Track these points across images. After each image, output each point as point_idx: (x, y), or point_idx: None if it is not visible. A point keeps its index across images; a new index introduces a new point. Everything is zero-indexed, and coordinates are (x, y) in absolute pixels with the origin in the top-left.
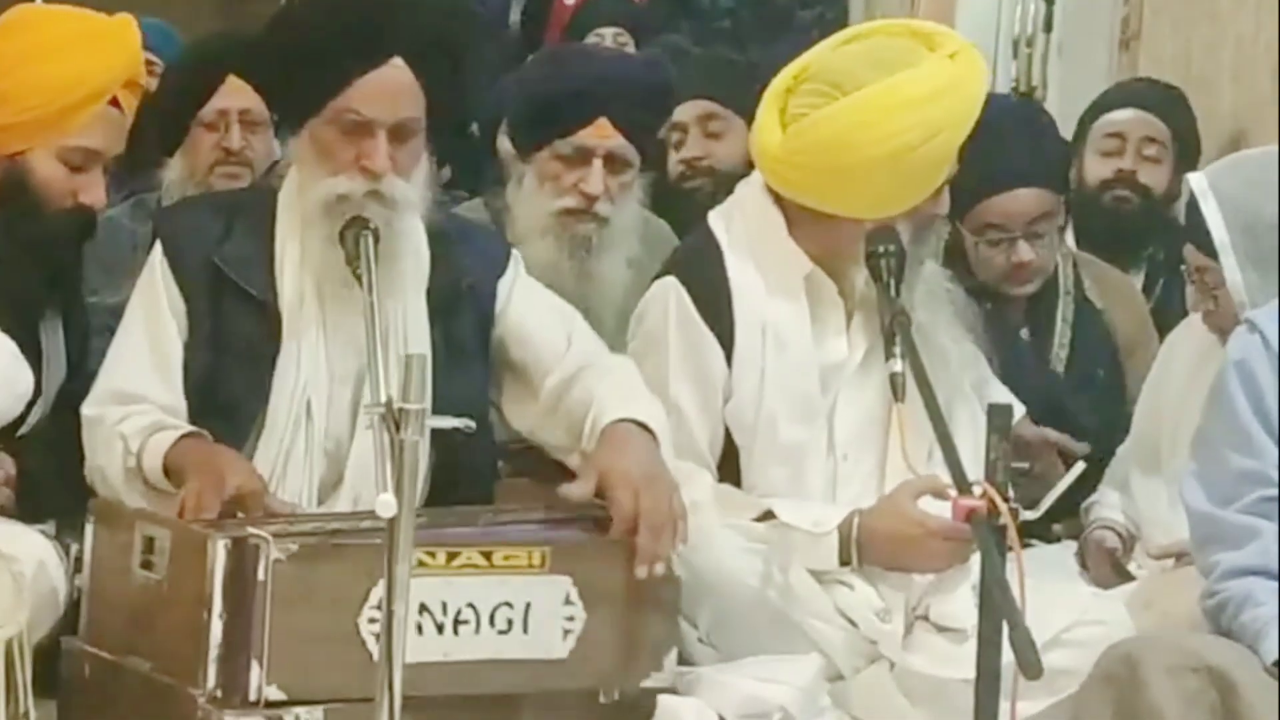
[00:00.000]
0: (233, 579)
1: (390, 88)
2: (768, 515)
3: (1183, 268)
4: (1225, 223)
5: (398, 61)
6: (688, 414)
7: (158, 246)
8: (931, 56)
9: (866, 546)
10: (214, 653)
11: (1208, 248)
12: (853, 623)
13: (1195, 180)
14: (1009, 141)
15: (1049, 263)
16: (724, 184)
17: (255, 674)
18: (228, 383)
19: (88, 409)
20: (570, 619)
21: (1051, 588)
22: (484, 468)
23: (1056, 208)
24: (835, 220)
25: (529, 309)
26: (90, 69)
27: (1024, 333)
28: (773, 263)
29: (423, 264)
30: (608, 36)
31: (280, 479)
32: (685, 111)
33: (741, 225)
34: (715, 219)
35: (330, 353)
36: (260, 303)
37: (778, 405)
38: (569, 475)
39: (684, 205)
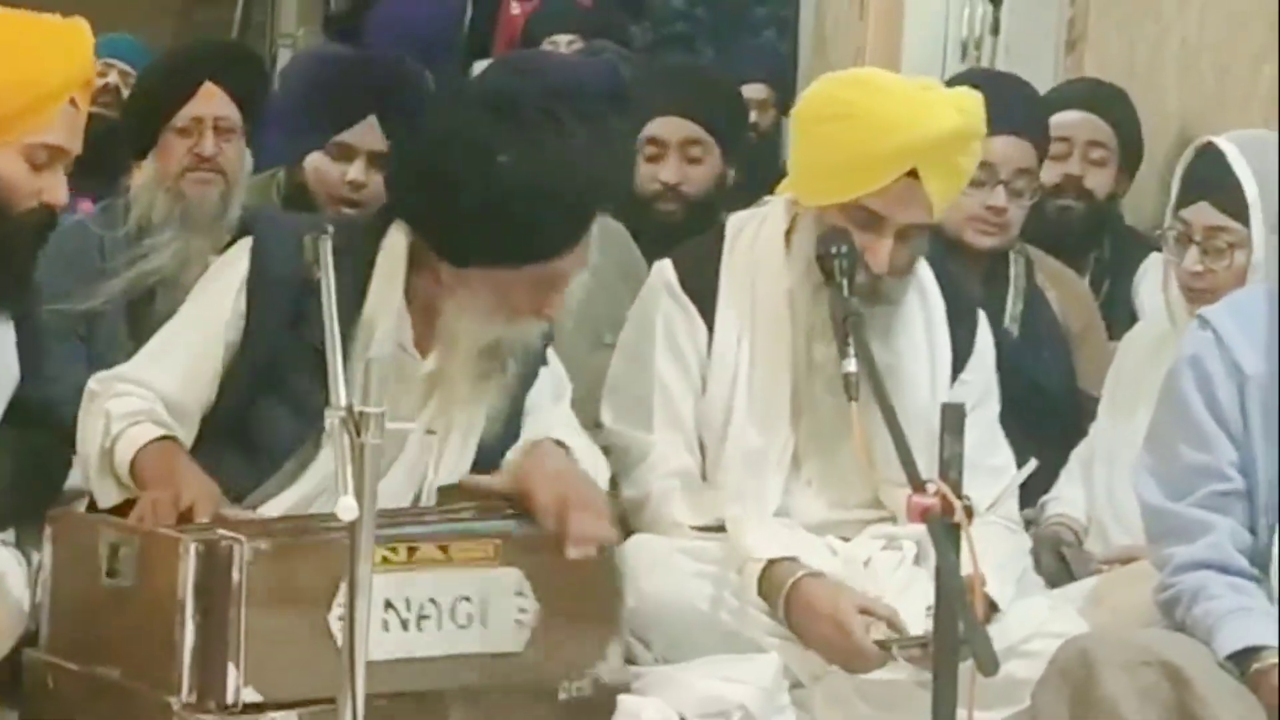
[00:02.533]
0: (205, 581)
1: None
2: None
3: (1166, 230)
4: (1259, 186)
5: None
6: (671, 387)
7: (247, 246)
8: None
9: (794, 608)
10: (188, 657)
11: (1232, 208)
12: None
13: (1225, 144)
14: (1008, 94)
15: (1015, 225)
16: (696, 212)
17: (232, 676)
18: (263, 420)
19: (93, 383)
20: (523, 610)
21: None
22: None
23: (1035, 170)
24: None
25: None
26: (50, 68)
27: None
28: (764, 273)
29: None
30: (561, 44)
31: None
32: (668, 129)
33: (751, 231)
34: (733, 220)
35: None
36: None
37: (746, 410)
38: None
39: (652, 225)
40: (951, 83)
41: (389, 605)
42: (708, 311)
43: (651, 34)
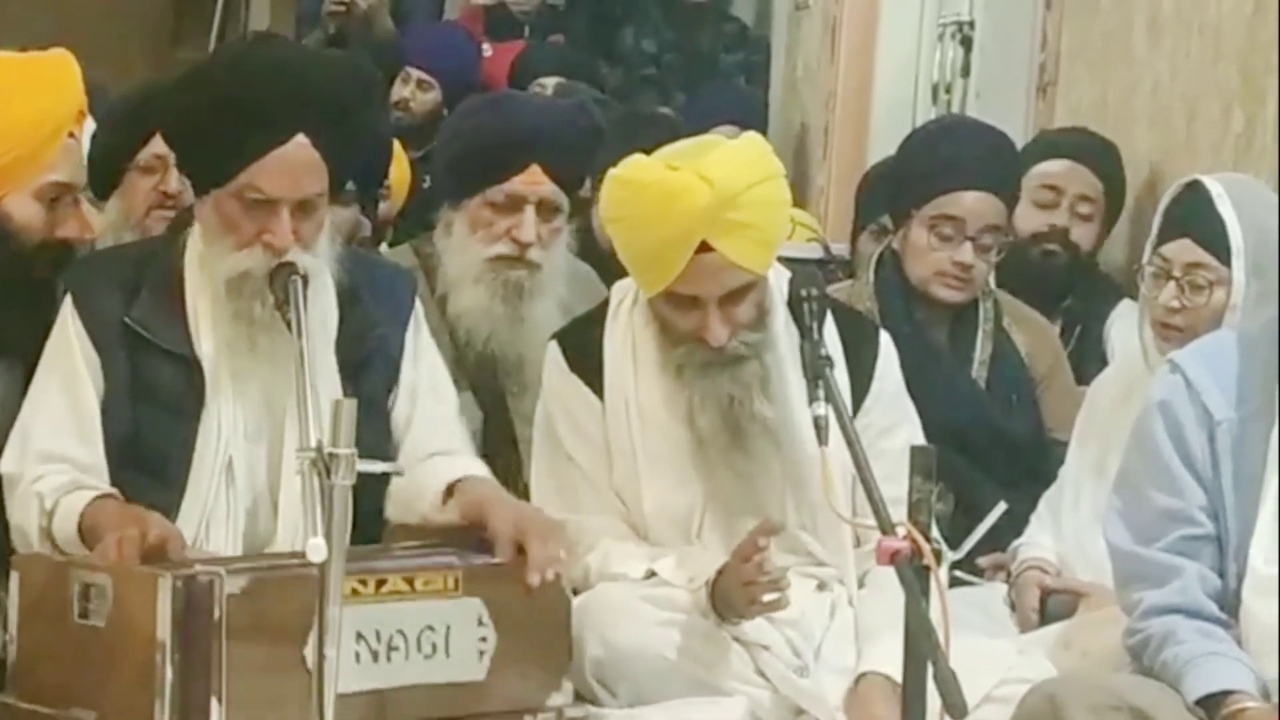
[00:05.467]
0: (184, 618)
1: (293, 166)
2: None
3: (1145, 265)
4: (1242, 228)
5: (301, 139)
6: (585, 466)
7: (68, 301)
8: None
9: (717, 598)
10: (168, 695)
11: (1214, 246)
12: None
13: (1211, 184)
14: (980, 148)
15: (982, 279)
16: None
17: (215, 712)
18: (152, 438)
19: (5, 466)
20: (484, 640)
21: (978, 646)
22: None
23: (1004, 226)
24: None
25: (422, 389)
26: (50, 105)
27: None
28: (643, 341)
29: (330, 323)
30: (550, 86)
31: (204, 538)
32: None
33: (631, 299)
34: (617, 288)
35: (244, 412)
36: (180, 358)
37: (653, 475)
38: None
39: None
40: (925, 130)
41: (360, 637)
42: (597, 384)
43: (623, 76)
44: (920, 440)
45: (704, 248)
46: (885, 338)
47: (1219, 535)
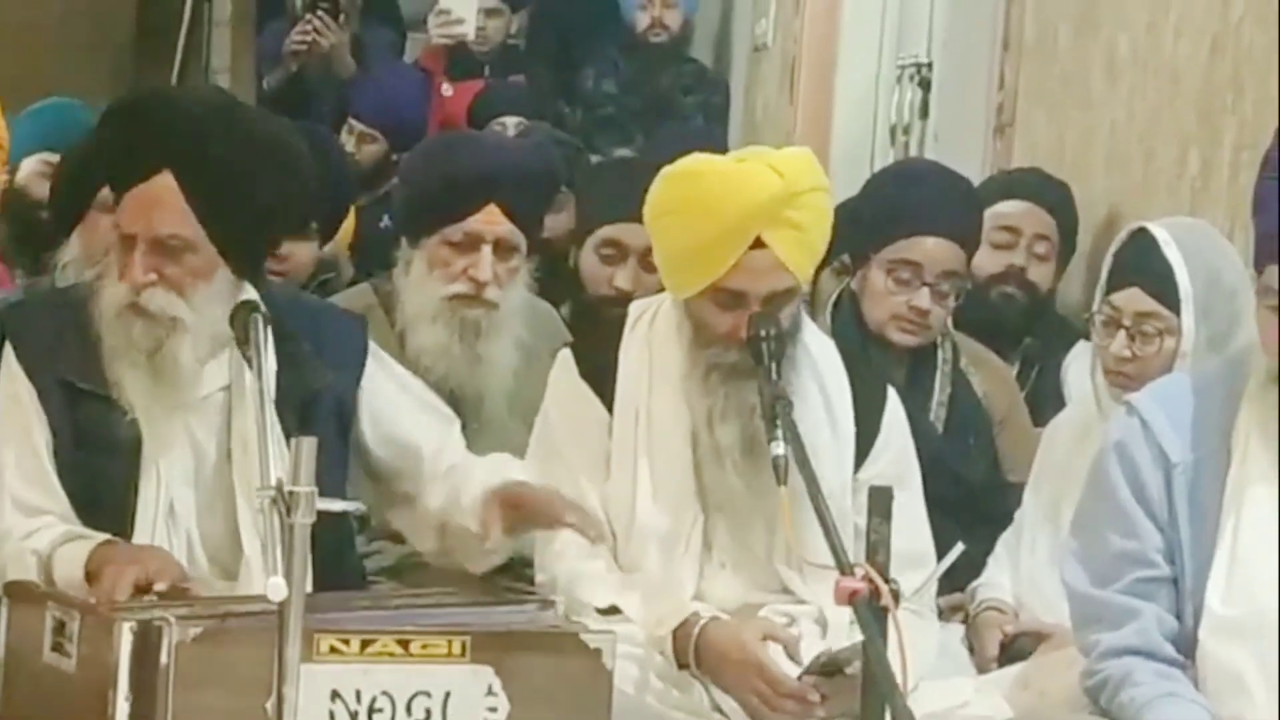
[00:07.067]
0: (139, 661)
1: (149, 202)
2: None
3: (1095, 314)
4: (1190, 274)
5: (166, 178)
6: (579, 474)
7: (9, 350)
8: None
9: (705, 659)
10: None
11: (1163, 295)
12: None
13: (1157, 231)
14: (939, 194)
15: (939, 324)
16: None
17: None
18: (96, 484)
19: None
20: (493, 710)
21: (932, 683)
22: (351, 560)
23: (963, 272)
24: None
25: (397, 412)
26: None
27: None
28: (659, 357)
29: (267, 374)
30: (510, 126)
31: None
32: (634, 234)
33: (649, 316)
34: (634, 306)
35: (178, 455)
36: (113, 403)
37: (650, 493)
38: None
39: (602, 328)
40: (887, 173)
41: (336, 696)
42: (607, 397)
43: (583, 117)
44: (919, 496)
45: (755, 245)
46: (892, 391)
47: (1176, 577)
